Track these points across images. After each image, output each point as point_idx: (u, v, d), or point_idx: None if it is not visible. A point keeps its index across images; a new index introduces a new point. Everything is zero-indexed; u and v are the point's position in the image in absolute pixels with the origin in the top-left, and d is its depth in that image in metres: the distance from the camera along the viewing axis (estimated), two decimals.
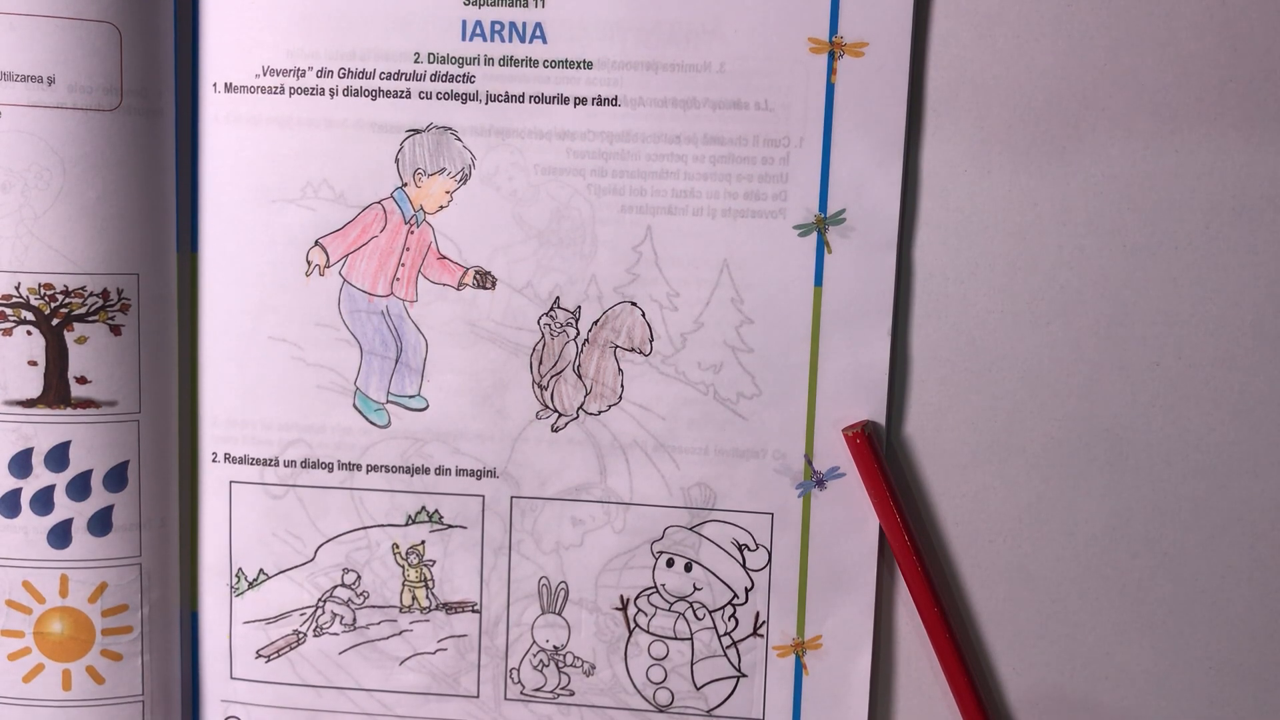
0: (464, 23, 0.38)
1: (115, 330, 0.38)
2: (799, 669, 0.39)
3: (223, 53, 0.38)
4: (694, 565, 0.39)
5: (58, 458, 0.38)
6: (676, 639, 0.40)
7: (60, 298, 0.37)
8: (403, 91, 0.38)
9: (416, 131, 0.38)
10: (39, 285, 0.37)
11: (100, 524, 0.39)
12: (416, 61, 0.38)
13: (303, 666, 0.41)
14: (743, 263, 0.38)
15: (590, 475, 0.39)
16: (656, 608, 0.40)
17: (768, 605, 0.39)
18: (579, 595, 0.40)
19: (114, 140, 0.37)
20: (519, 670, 0.41)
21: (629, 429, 0.39)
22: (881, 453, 0.38)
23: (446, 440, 0.40)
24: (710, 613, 0.40)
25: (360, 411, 0.40)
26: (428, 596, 0.40)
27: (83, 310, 0.37)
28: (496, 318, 0.39)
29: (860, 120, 0.37)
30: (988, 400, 0.38)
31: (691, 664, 0.40)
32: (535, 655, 0.40)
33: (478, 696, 0.41)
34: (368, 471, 0.40)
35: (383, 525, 0.40)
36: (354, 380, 0.40)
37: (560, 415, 0.39)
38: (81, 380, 0.38)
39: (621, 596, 0.40)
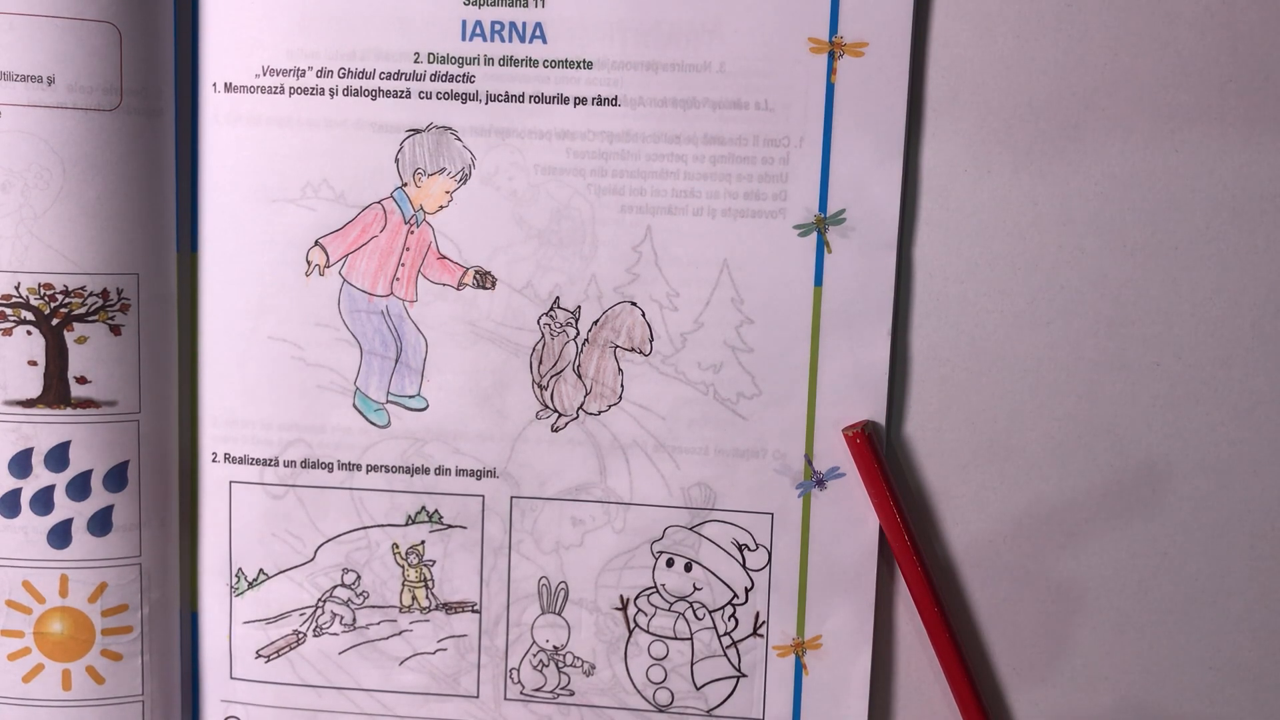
0: (464, 23, 0.38)
1: (115, 330, 0.38)
2: (799, 669, 0.39)
3: (223, 53, 0.38)
4: (694, 565, 0.39)
5: (58, 458, 0.38)
6: (676, 639, 0.40)
7: (60, 298, 0.37)
8: (403, 91, 0.38)
9: (416, 131, 0.38)
10: (39, 285, 0.37)
11: (100, 524, 0.39)
12: (416, 61, 0.38)
13: (303, 666, 0.41)
14: (743, 263, 0.38)
15: (590, 475, 0.39)
16: (656, 608, 0.40)
17: (768, 605, 0.39)
18: (579, 595, 0.40)
19: (114, 140, 0.37)
20: (519, 670, 0.41)
21: (629, 429, 0.39)
22: (881, 453, 0.38)
23: (446, 440, 0.40)
24: (710, 613, 0.40)
25: (360, 411, 0.40)
26: (428, 596, 0.40)
27: (83, 310, 0.37)
28: (496, 318, 0.39)
29: (860, 120, 0.37)
30: (988, 400, 0.38)
31: (691, 664, 0.40)
32: (535, 655, 0.40)
33: (478, 696, 0.41)
34: (368, 471, 0.40)
35: (383, 525, 0.40)
36: (354, 380, 0.40)
37: (560, 415, 0.39)
38: (81, 380, 0.38)
39: (621, 596, 0.40)
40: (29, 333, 0.37)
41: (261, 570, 0.41)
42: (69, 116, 0.36)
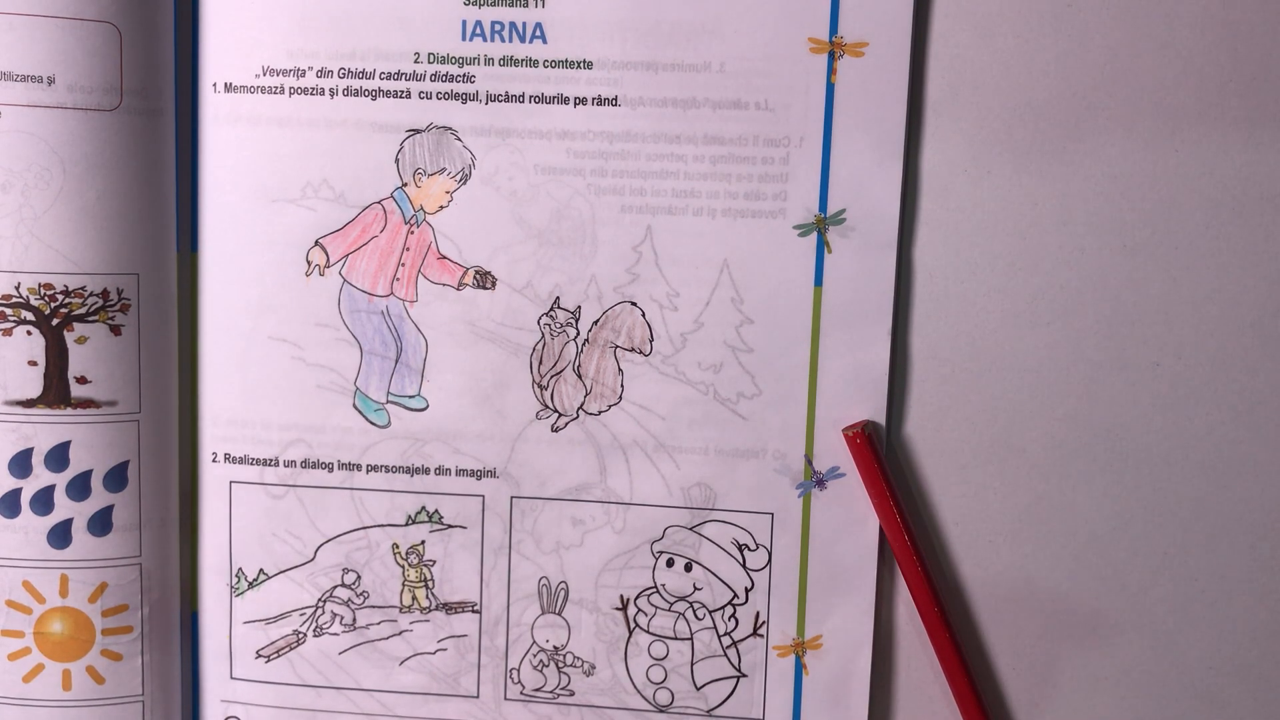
0: (464, 23, 0.38)
1: (115, 330, 0.38)
2: (799, 669, 0.39)
3: (223, 53, 0.38)
4: (694, 565, 0.39)
5: (58, 458, 0.38)
6: (676, 639, 0.40)
7: (60, 298, 0.37)
8: (403, 91, 0.38)
9: (416, 131, 0.38)
10: (39, 285, 0.37)
11: (100, 524, 0.39)
12: (416, 61, 0.38)
13: (303, 666, 0.41)
14: (743, 263, 0.38)
15: (590, 475, 0.39)
16: (656, 608, 0.40)
17: (768, 605, 0.39)
18: (579, 595, 0.40)
19: (114, 140, 0.37)
20: (519, 670, 0.41)
21: (629, 429, 0.39)
22: (881, 453, 0.38)
23: (446, 440, 0.40)
24: (710, 613, 0.40)
25: (360, 411, 0.40)
26: (428, 596, 0.40)
27: (83, 310, 0.37)
28: (496, 318, 0.39)
29: (860, 120, 0.37)
30: (988, 400, 0.38)
31: (691, 664, 0.40)
32: (535, 655, 0.40)
33: (478, 696, 0.41)
34: (368, 471, 0.40)
35: (383, 525, 0.40)
36: (354, 380, 0.40)
37: (560, 415, 0.39)
38: (81, 380, 0.38)
39: (621, 596, 0.40)
40: (29, 333, 0.37)
41: (261, 570, 0.41)
42: (69, 116, 0.36)
